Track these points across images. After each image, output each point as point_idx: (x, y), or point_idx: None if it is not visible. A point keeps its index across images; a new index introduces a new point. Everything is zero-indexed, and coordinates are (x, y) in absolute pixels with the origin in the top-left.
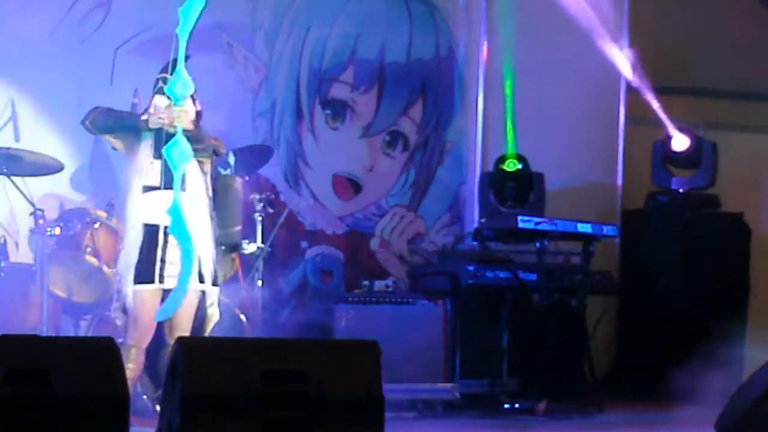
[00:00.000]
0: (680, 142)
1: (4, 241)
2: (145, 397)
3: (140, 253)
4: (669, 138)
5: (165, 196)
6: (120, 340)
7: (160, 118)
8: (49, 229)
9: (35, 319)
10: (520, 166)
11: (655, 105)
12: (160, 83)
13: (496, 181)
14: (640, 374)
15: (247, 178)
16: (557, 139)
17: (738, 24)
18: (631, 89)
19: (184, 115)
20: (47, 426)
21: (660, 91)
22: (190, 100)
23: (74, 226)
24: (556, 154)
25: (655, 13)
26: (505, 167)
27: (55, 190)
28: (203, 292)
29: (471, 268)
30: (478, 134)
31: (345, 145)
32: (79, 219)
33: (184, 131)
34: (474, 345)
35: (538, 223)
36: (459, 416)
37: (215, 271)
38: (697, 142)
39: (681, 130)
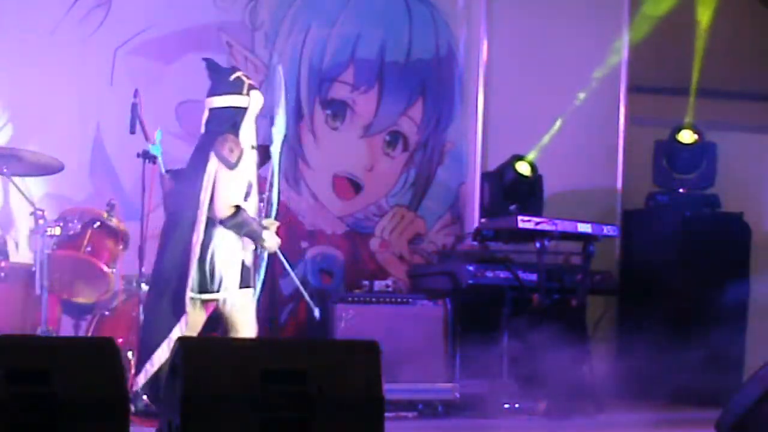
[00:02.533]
0: (687, 135)
1: (4, 241)
2: (145, 397)
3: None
4: (675, 130)
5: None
6: (120, 340)
7: None
8: (49, 229)
9: (35, 319)
10: (530, 173)
11: None
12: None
13: (503, 181)
14: (640, 374)
15: None
16: (557, 139)
17: (738, 24)
18: (631, 89)
19: None
20: (47, 426)
21: (660, 91)
22: None
23: (74, 226)
24: (557, 154)
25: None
26: (519, 169)
27: (55, 190)
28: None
29: (471, 268)
30: (478, 134)
31: (345, 145)
32: (79, 219)
33: None
34: (474, 345)
35: (538, 223)
36: (459, 416)
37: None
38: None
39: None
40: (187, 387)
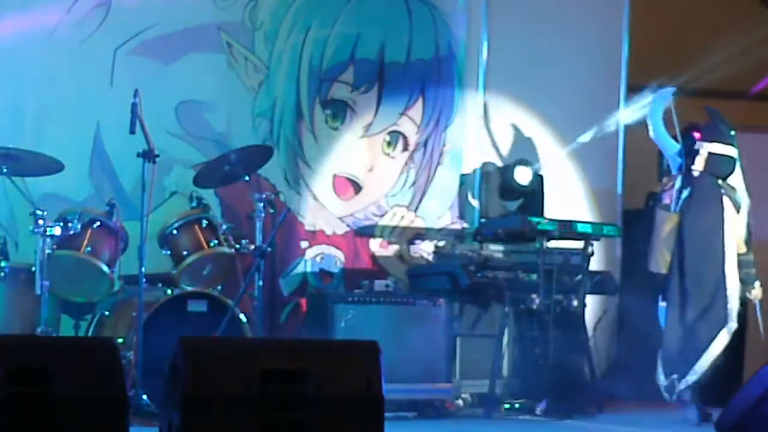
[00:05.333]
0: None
1: (4, 241)
2: (145, 396)
3: None
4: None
5: None
6: (120, 340)
7: None
8: (49, 229)
9: (35, 319)
10: (529, 181)
11: None
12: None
13: (503, 182)
14: (640, 374)
15: (247, 178)
16: (558, 139)
17: (738, 24)
18: (631, 89)
19: None
20: (47, 426)
21: None
22: None
23: (74, 226)
24: (557, 154)
25: (655, 12)
26: (518, 177)
27: (55, 190)
28: None
29: (471, 268)
30: (478, 134)
31: (345, 145)
32: (79, 219)
33: None
34: (474, 345)
35: (538, 223)
36: (459, 416)
37: None
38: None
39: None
40: (187, 387)
